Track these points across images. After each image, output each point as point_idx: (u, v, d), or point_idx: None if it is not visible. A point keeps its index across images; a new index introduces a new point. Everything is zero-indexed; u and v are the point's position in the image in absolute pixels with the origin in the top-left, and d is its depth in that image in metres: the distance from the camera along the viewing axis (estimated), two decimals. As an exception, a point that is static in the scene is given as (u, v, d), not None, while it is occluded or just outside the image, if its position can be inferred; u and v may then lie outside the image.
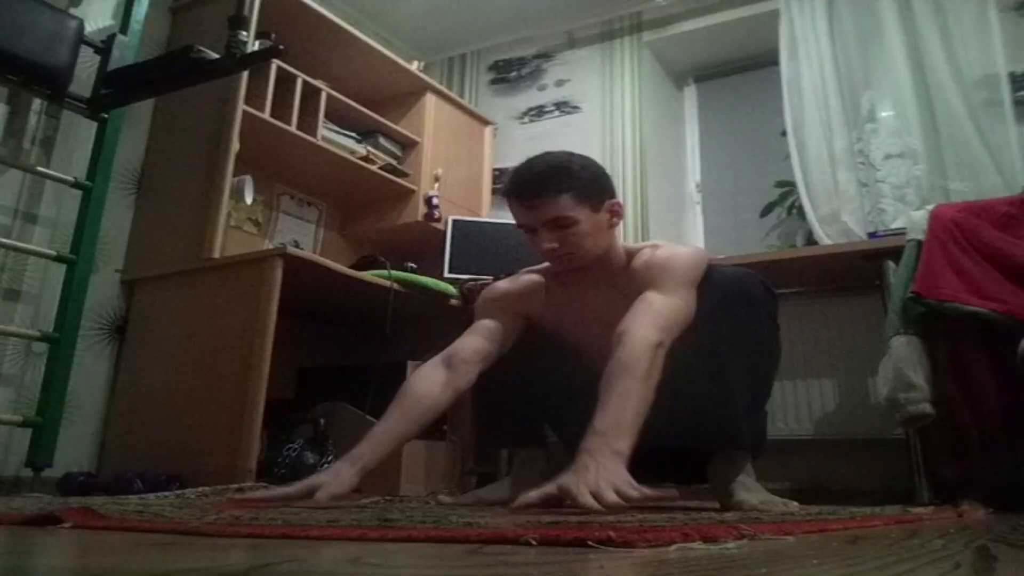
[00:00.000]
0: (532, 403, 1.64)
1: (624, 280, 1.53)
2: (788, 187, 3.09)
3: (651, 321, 1.35)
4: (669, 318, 1.38)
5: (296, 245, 2.86)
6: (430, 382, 1.48)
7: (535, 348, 1.63)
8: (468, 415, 2.66)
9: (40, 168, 2.22)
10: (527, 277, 1.69)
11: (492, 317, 1.61)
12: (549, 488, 1.10)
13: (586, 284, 1.60)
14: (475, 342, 1.55)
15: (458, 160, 3.33)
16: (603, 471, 1.09)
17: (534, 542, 0.63)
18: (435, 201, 3.09)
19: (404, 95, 3.28)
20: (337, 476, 1.32)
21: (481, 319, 1.62)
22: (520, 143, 3.49)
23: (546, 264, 1.64)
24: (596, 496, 1.03)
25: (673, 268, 1.47)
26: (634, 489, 1.07)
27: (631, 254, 1.58)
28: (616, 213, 1.56)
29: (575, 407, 1.30)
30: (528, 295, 1.65)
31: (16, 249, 2.15)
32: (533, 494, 1.11)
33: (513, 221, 1.57)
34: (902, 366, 1.93)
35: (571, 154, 1.55)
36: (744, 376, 1.47)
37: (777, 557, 0.60)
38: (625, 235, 3.14)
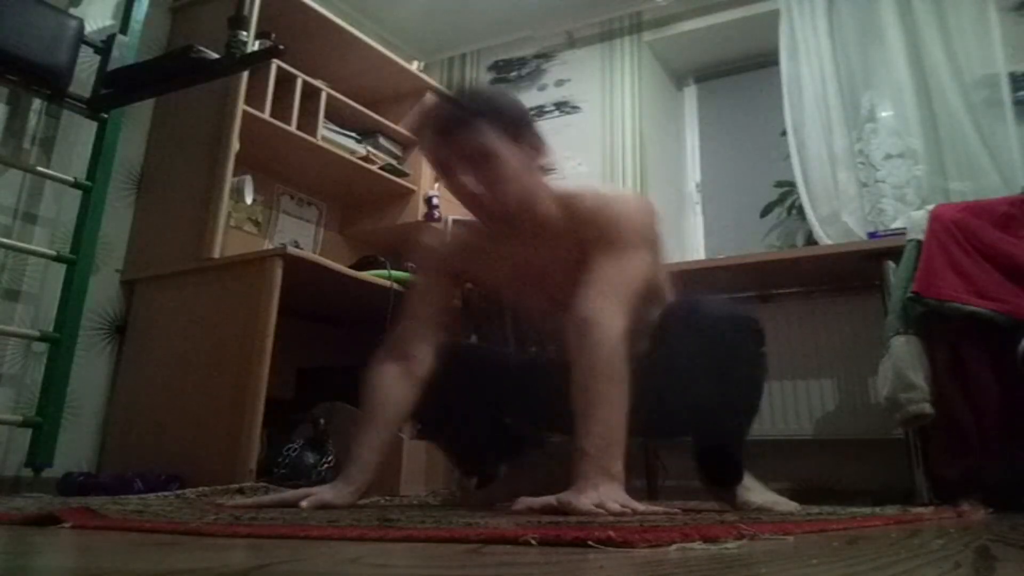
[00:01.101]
0: (495, 427, 1.63)
1: (562, 229, 1.40)
2: (788, 187, 3.09)
3: (613, 303, 1.27)
4: (629, 289, 1.30)
5: (296, 245, 2.86)
6: (391, 386, 1.43)
7: (473, 367, 1.59)
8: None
9: (40, 168, 2.22)
10: (457, 233, 1.57)
11: (425, 283, 1.54)
12: (550, 499, 1.09)
13: (520, 236, 1.45)
14: (418, 328, 1.48)
15: (458, 160, 3.32)
16: (604, 490, 1.08)
17: (534, 542, 0.63)
18: (435, 201, 3.09)
19: (404, 95, 3.28)
20: (336, 492, 1.31)
21: (415, 287, 1.56)
22: (520, 143, 3.49)
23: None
24: (599, 507, 1.03)
25: (625, 228, 1.35)
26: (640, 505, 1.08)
27: (563, 199, 1.42)
28: (539, 150, 1.39)
29: (541, 389, 1.28)
30: (459, 252, 1.53)
31: (16, 249, 2.15)
32: (534, 501, 1.10)
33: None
34: (902, 366, 1.93)
35: (491, 86, 1.46)
36: (730, 418, 1.44)
37: (777, 557, 0.60)
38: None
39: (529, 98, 3.62)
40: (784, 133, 2.97)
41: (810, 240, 2.87)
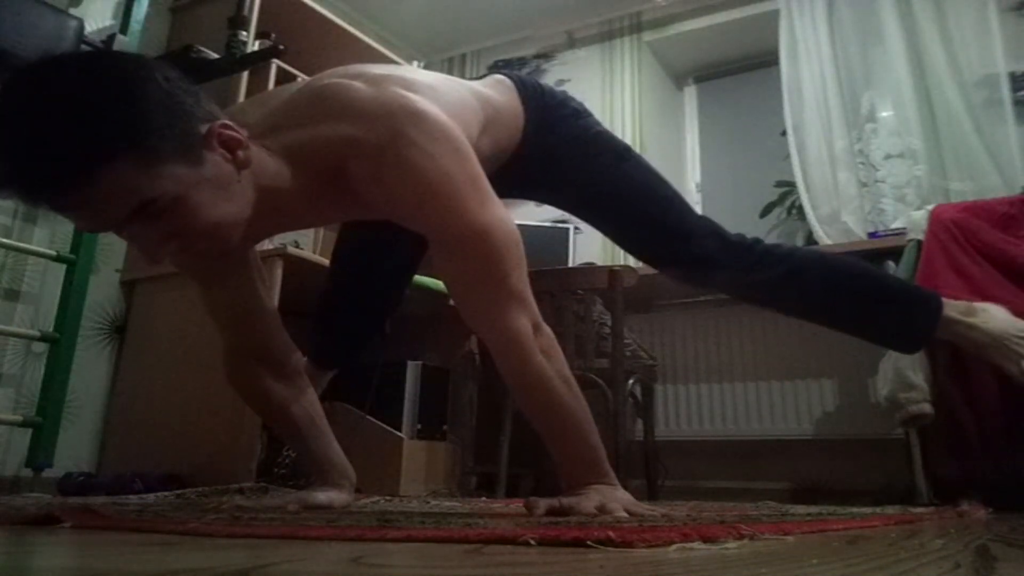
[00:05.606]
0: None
1: (327, 191, 1.07)
2: (788, 187, 3.09)
3: (506, 312, 1.04)
4: (513, 277, 1.05)
5: (296, 245, 2.86)
6: (291, 402, 1.39)
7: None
8: (468, 415, 2.66)
9: (40, 168, 2.21)
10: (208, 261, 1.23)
11: (211, 291, 1.33)
12: (553, 502, 1.09)
13: (278, 214, 1.11)
14: (255, 335, 1.39)
15: (458, 160, 3.32)
16: (606, 492, 1.08)
17: (533, 542, 0.63)
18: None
19: (404, 95, 3.27)
20: (331, 495, 1.31)
21: (210, 302, 1.36)
22: (520, 143, 3.49)
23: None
24: (601, 509, 1.03)
25: (443, 198, 1.01)
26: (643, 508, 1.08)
27: (294, 149, 1.04)
28: (230, 142, 0.96)
29: None
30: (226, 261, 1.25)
31: (16, 249, 2.15)
32: (540, 501, 1.10)
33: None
34: (902, 366, 1.93)
35: (62, 85, 0.85)
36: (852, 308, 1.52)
37: (777, 557, 0.60)
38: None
39: (529, 98, 3.63)
40: (784, 133, 2.97)
41: (810, 240, 2.87)
